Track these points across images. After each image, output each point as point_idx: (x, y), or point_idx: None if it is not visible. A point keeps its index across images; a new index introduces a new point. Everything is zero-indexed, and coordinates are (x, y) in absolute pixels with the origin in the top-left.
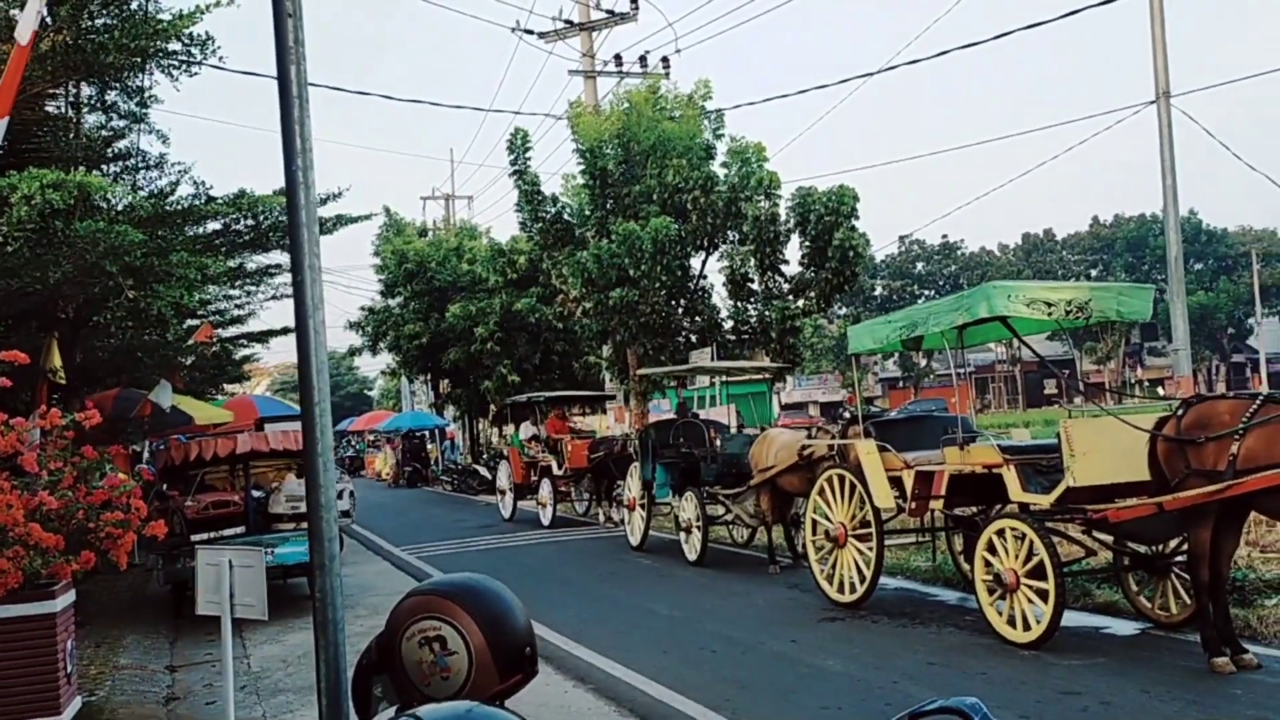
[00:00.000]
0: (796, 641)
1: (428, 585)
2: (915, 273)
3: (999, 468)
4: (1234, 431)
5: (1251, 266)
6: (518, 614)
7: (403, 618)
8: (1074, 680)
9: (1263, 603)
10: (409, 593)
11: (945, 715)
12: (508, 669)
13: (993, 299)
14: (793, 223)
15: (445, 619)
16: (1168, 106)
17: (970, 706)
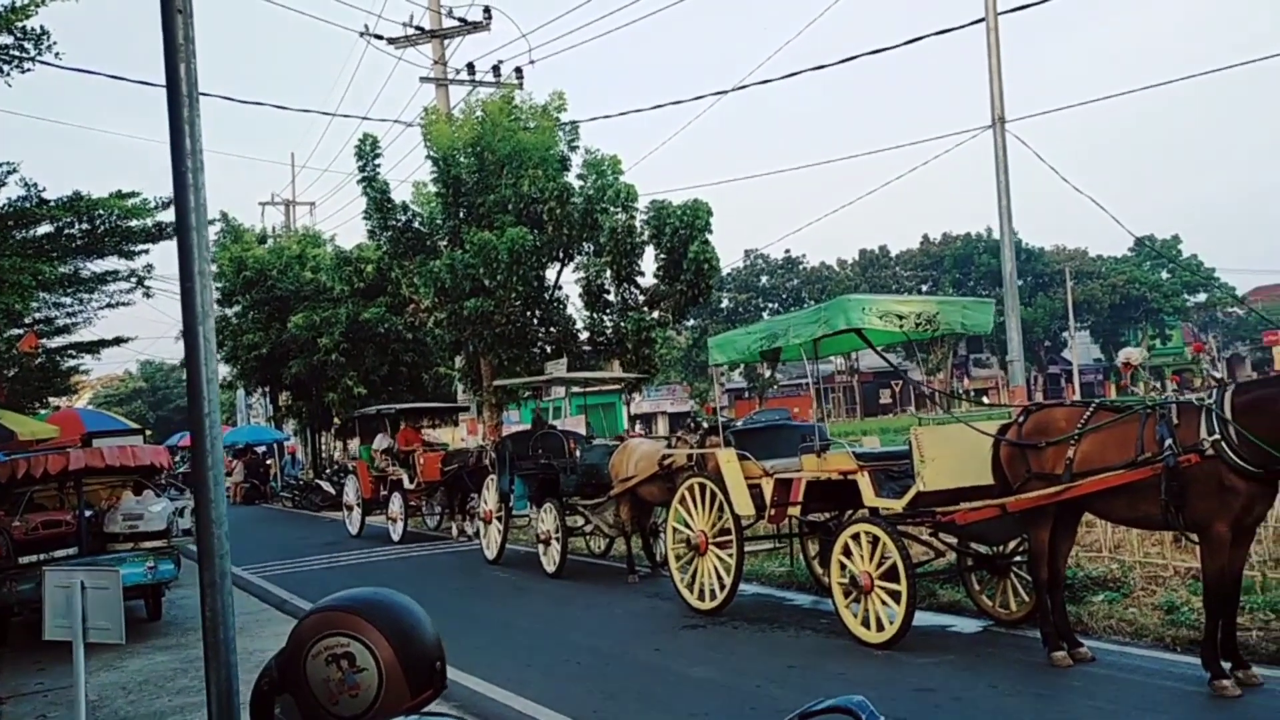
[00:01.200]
0: (660, 650)
1: (332, 601)
2: (760, 286)
3: (854, 474)
4: (1070, 437)
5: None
6: (426, 628)
7: (307, 635)
8: (927, 678)
9: (1091, 599)
10: (312, 609)
11: (834, 715)
12: (418, 684)
13: (849, 312)
14: (648, 235)
15: (353, 635)
16: (1003, 131)
17: (858, 705)
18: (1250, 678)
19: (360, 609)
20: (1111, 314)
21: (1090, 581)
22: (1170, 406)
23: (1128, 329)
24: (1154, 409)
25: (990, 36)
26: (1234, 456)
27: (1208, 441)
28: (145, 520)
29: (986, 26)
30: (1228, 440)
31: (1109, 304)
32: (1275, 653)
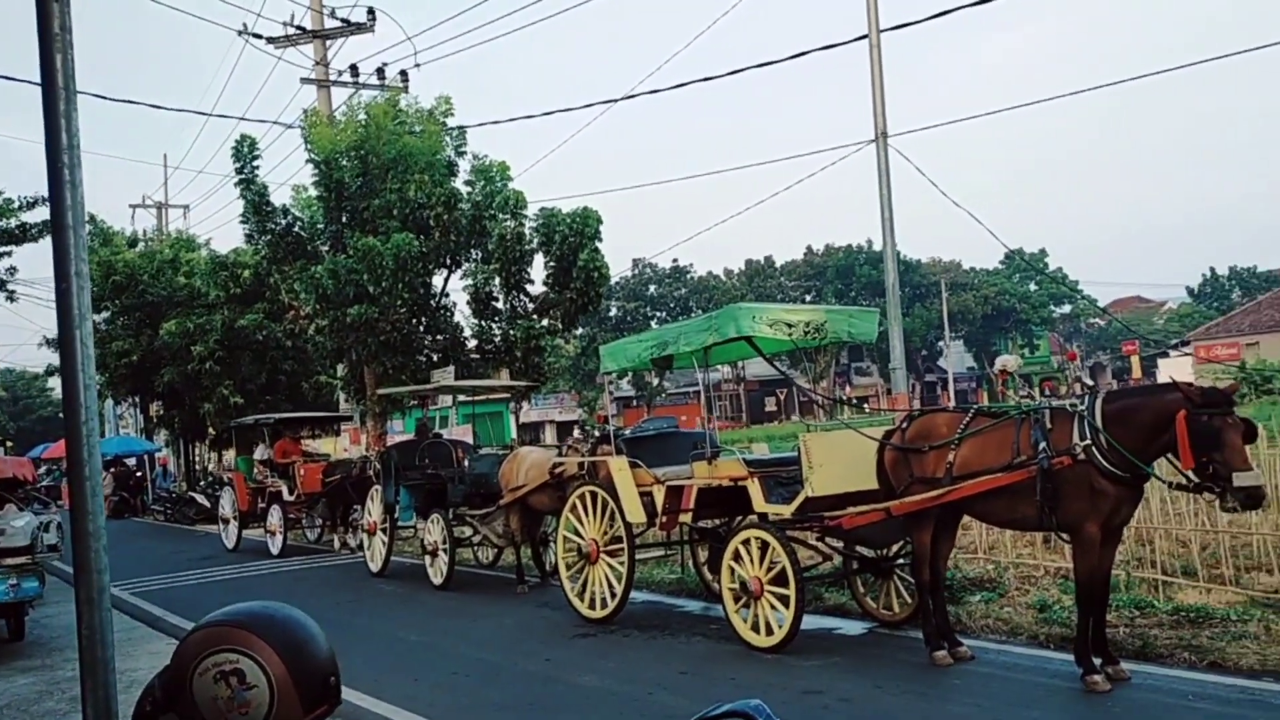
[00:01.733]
0: (550, 660)
1: (220, 615)
2: (648, 295)
3: (744, 480)
4: (951, 441)
5: (941, 295)
6: (320, 642)
7: (193, 652)
8: (815, 680)
9: (969, 599)
10: (199, 624)
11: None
12: (312, 700)
13: (739, 320)
14: (537, 243)
15: (243, 651)
16: (885, 146)
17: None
18: (1119, 673)
19: (250, 623)
20: (984, 324)
21: (968, 582)
22: (1044, 412)
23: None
24: (1029, 414)
25: (873, 53)
26: (1103, 461)
27: (1079, 446)
28: (7, 536)
29: (870, 43)
30: (1098, 446)
31: (981, 314)
32: (1141, 648)
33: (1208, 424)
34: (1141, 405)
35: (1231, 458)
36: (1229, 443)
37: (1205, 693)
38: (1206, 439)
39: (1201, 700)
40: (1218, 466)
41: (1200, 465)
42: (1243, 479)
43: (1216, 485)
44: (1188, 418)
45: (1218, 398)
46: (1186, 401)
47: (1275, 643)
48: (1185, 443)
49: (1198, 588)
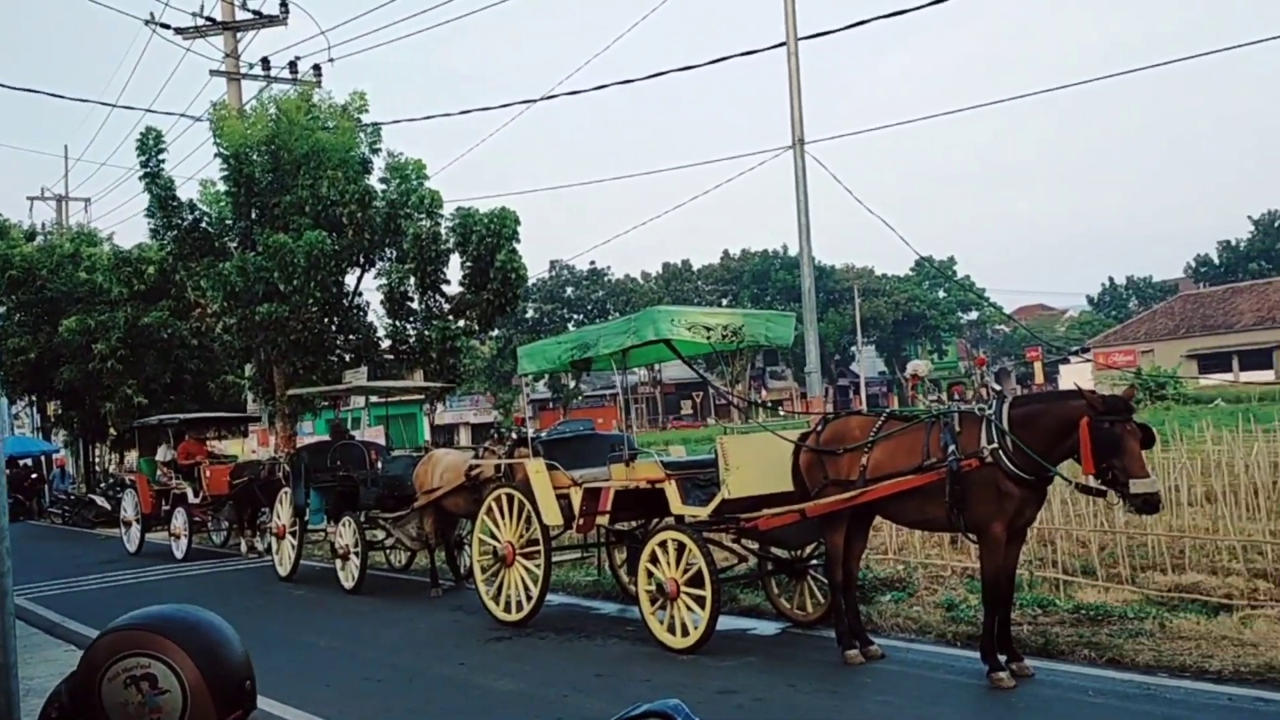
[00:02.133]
0: (465, 664)
1: (130, 619)
2: (565, 297)
3: (662, 483)
4: (864, 444)
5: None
6: (235, 645)
7: (102, 656)
8: (729, 680)
9: (879, 599)
10: (108, 628)
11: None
12: (227, 705)
13: (658, 323)
14: (454, 243)
15: (154, 655)
16: (802, 152)
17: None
18: (1023, 669)
19: (162, 626)
20: (895, 329)
21: (878, 582)
22: (953, 415)
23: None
24: (939, 418)
25: (791, 61)
26: (1009, 464)
27: (987, 449)
28: None
29: (788, 51)
30: (1004, 449)
31: (892, 320)
32: (1043, 645)
33: (1109, 431)
34: (1046, 411)
35: (1130, 464)
36: (1128, 450)
37: (1104, 688)
38: (1108, 446)
39: (1101, 695)
40: (1117, 472)
41: (1101, 471)
42: (1140, 485)
43: (1116, 490)
44: (1090, 424)
45: (1119, 405)
46: (1089, 409)
47: (1169, 639)
48: (1088, 449)
49: (1097, 587)
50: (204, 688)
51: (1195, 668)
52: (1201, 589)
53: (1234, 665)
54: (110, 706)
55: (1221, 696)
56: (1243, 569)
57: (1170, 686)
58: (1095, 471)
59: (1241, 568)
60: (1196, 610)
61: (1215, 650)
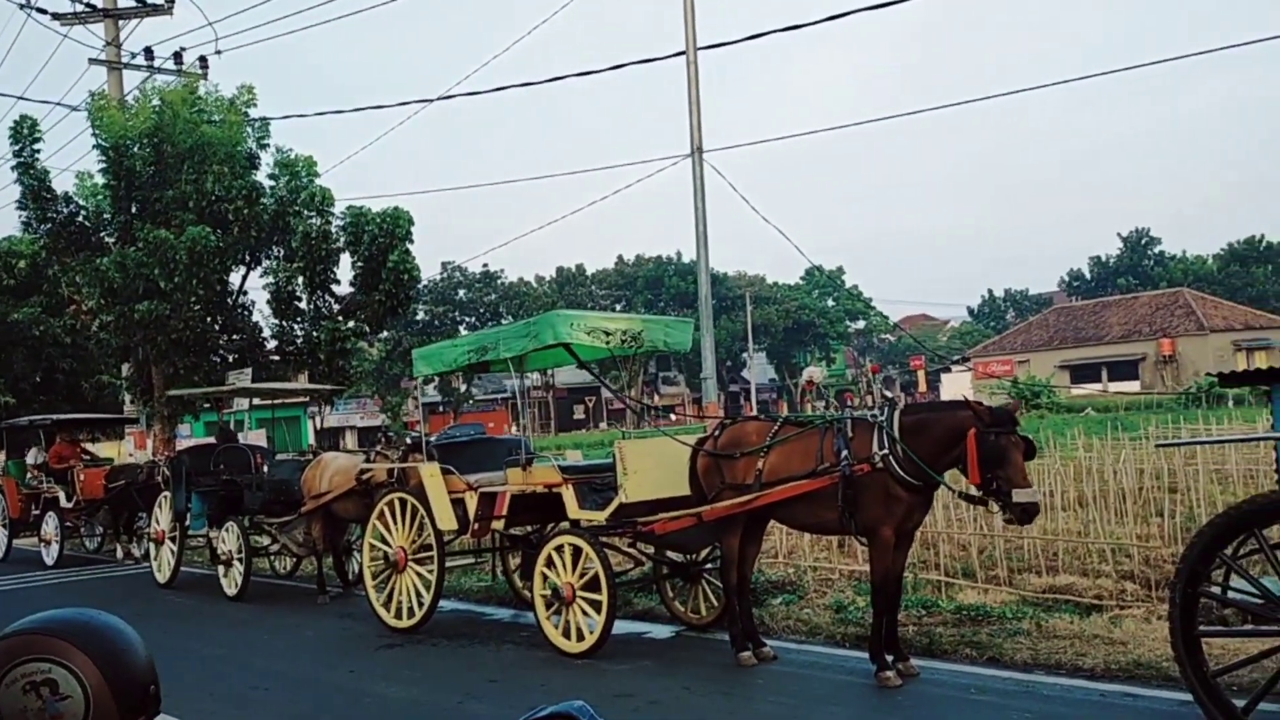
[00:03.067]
0: (355, 671)
1: (30, 623)
2: (457, 299)
3: (559, 487)
4: (760, 449)
5: (746, 307)
6: (138, 649)
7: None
8: (625, 684)
9: (771, 601)
10: (6, 632)
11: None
12: (130, 710)
13: (557, 327)
14: (345, 242)
15: (55, 659)
16: (701, 161)
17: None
18: (909, 669)
19: (62, 630)
20: (785, 337)
21: (770, 585)
22: (846, 422)
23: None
24: (832, 424)
25: (690, 70)
26: (899, 469)
27: (878, 455)
28: None
29: (687, 60)
30: (895, 455)
31: (783, 327)
32: (928, 645)
33: (995, 443)
34: (936, 420)
35: (1014, 475)
36: (1013, 461)
37: (985, 686)
38: (993, 457)
39: (981, 693)
40: (1001, 483)
41: (985, 481)
42: (1022, 495)
43: (999, 499)
44: (977, 436)
45: (1005, 417)
46: (977, 420)
47: (1045, 638)
48: (974, 459)
49: (977, 588)
50: (107, 693)
51: (1070, 665)
52: (1074, 590)
53: (1105, 663)
54: (8, 713)
55: (1095, 693)
56: (1112, 571)
57: (1047, 684)
58: (980, 482)
59: (1111, 569)
60: (1070, 610)
61: (1088, 649)
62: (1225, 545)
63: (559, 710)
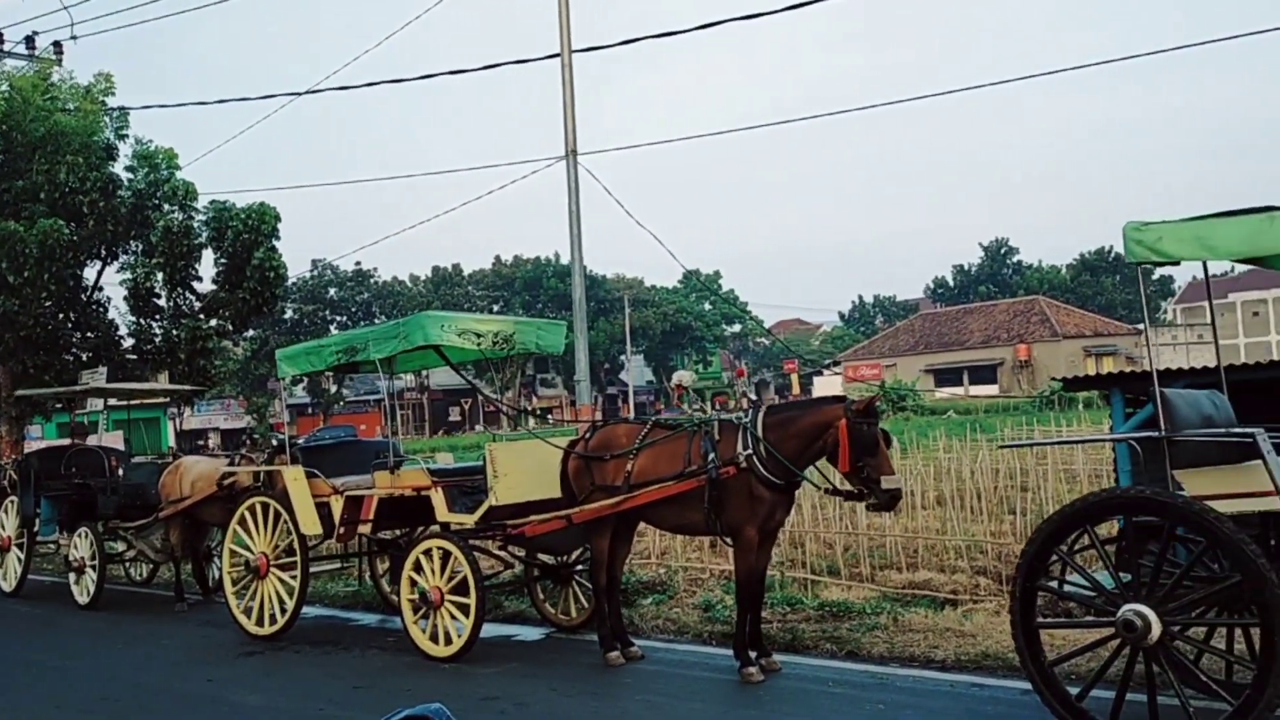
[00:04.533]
0: (213, 680)
1: None
2: (328, 298)
3: (428, 490)
4: (630, 451)
5: (625, 310)
6: None
7: None
8: (492, 687)
9: (641, 602)
10: None
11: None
12: None
13: (427, 328)
14: (208, 237)
15: None
16: (575, 163)
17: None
18: (771, 664)
19: None
20: (663, 340)
21: (641, 586)
22: (714, 424)
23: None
24: (700, 426)
25: (565, 72)
26: (762, 469)
27: (743, 455)
28: None
29: (561, 62)
30: (758, 455)
31: (661, 330)
32: (790, 641)
33: (865, 432)
34: (802, 415)
35: (881, 463)
36: (880, 450)
37: (842, 679)
38: (863, 445)
39: (839, 685)
40: (870, 470)
41: (856, 469)
42: (889, 482)
43: (866, 487)
44: (849, 425)
45: (871, 409)
46: (847, 411)
47: (901, 632)
48: (846, 448)
49: (841, 585)
50: None
51: (923, 657)
52: (932, 585)
53: (956, 654)
54: None
55: (945, 683)
56: (967, 566)
57: (901, 675)
58: (851, 469)
59: (966, 565)
60: (926, 605)
61: (941, 641)
62: (1061, 541)
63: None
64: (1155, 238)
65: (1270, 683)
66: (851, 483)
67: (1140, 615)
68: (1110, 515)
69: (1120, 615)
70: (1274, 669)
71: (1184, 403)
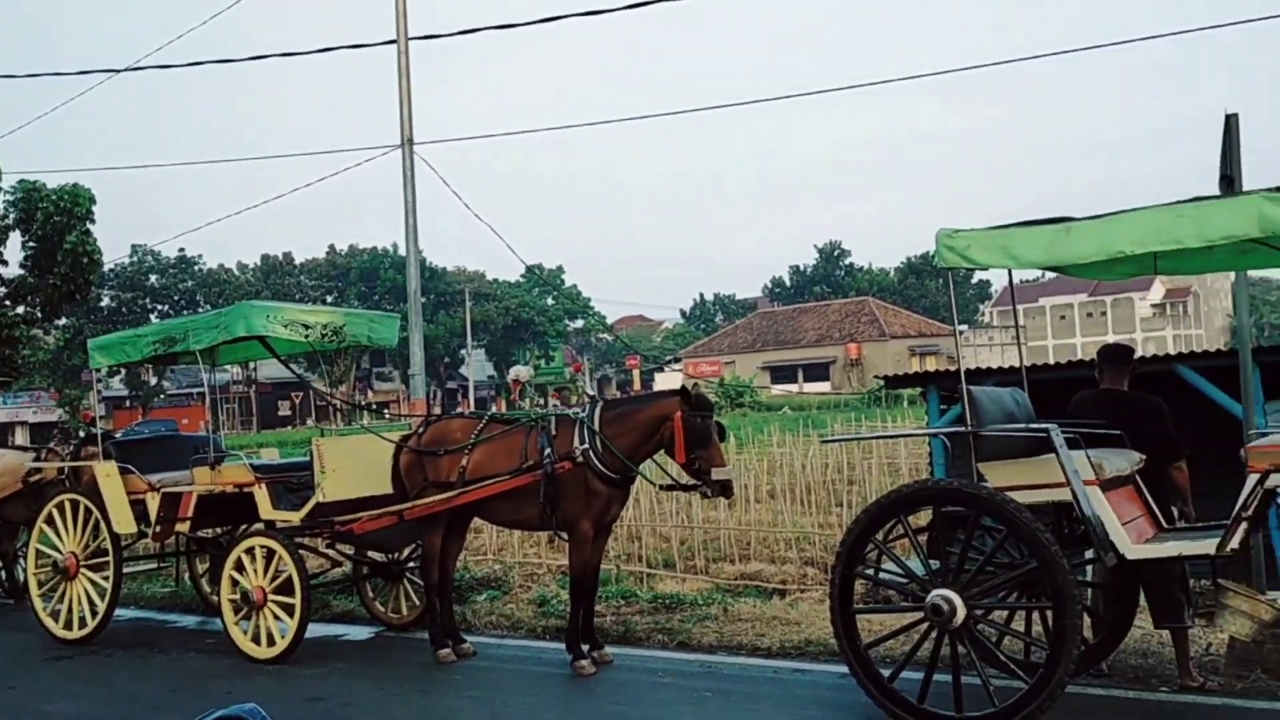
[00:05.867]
0: (16, 687)
1: None
2: (149, 285)
3: (251, 487)
4: (464, 446)
5: (465, 304)
6: None
7: None
8: (317, 687)
9: (475, 598)
10: None
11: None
12: None
13: (251, 319)
14: (14, 219)
15: None
16: (411, 153)
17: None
18: (604, 656)
19: None
20: (504, 334)
21: (475, 582)
22: (551, 419)
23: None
24: (538, 421)
25: (401, 59)
26: (599, 463)
27: (579, 450)
28: None
29: (398, 49)
30: (595, 449)
31: (502, 325)
32: (623, 634)
33: (700, 424)
34: (637, 410)
35: (713, 455)
36: (713, 442)
37: (673, 669)
38: (697, 437)
39: (669, 676)
40: (703, 461)
41: (690, 460)
42: (720, 473)
43: (700, 479)
44: (684, 418)
45: (705, 403)
46: (683, 405)
47: (731, 622)
48: (681, 440)
49: (675, 577)
50: None
51: (750, 646)
52: (762, 576)
53: (781, 642)
54: None
55: (769, 670)
56: (796, 557)
57: (729, 664)
58: (686, 460)
59: (795, 556)
60: (755, 595)
61: (767, 630)
62: (878, 531)
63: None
64: (965, 245)
65: (1061, 662)
66: (688, 474)
67: (947, 600)
68: (921, 506)
69: (929, 600)
70: (1065, 649)
71: (989, 400)
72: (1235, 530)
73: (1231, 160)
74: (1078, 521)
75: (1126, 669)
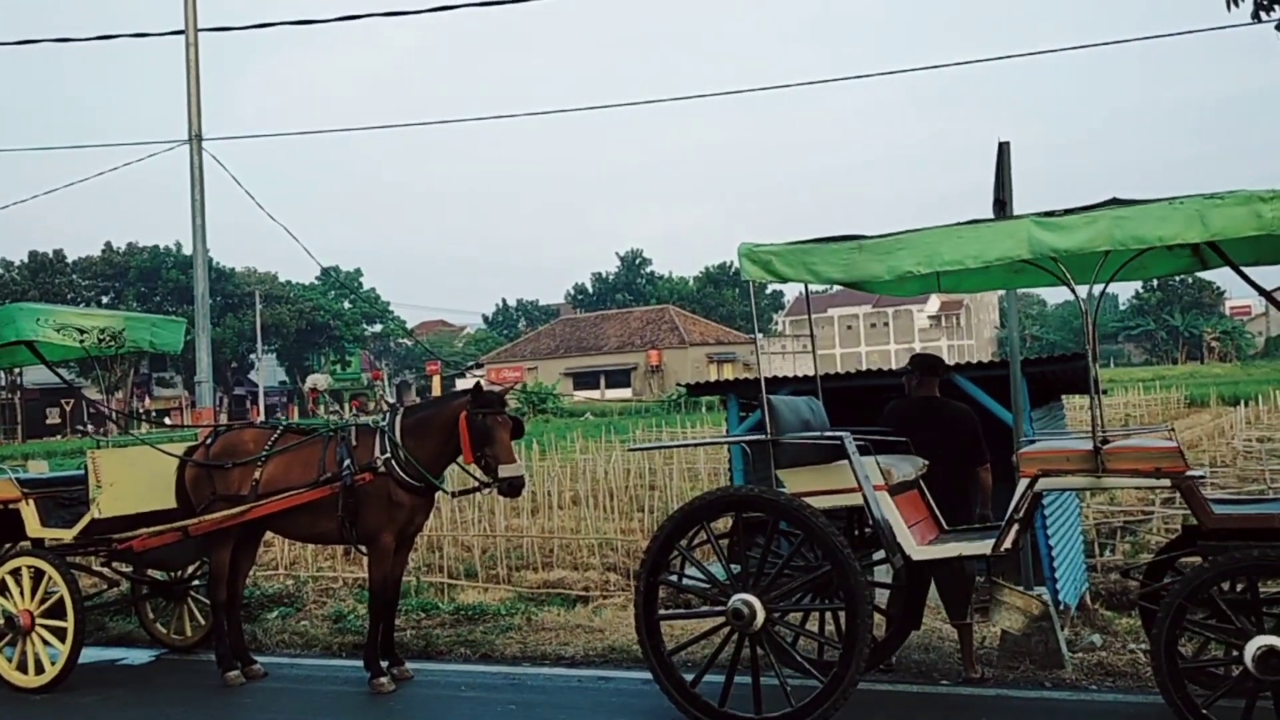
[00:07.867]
0: None
1: None
2: None
3: (16, 502)
4: (258, 458)
5: (255, 306)
6: None
7: None
8: (91, 717)
9: (266, 616)
10: None
11: None
12: None
13: (20, 322)
14: None
15: None
16: (199, 149)
17: None
18: (404, 673)
19: None
20: (298, 338)
21: (266, 599)
22: (351, 429)
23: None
24: (336, 431)
25: (190, 52)
26: (401, 473)
27: (380, 460)
28: None
29: (186, 41)
30: (396, 459)
31: (296, 329)
32: (424, 648)
33: (483, 422)
34: (434, 415)
35: (500, 452)
36: (499, 439)
37: (476, 682)
38: (481, 435)
39: (472, 690)
40: (490, 459)
41: (478, 459)
42: (507, 470)
43: (489, 476)
44: (468, 418)
45: (492, 399)
46: (469, 404)
47: (535, 631)
48: (466, 439)
49: (478, 587)
50: None
51: (554, 655)
52: (565, 584)
53: (585, 650)
54: None
55: (573, 679)
56: (599, 564)
57: (533, 674)
58: (473, 459)
59: (598, 563)
60: (559, 603)
61: (571, 638)
62: (682, 537)
63: None
64: (767, 259)
65: (853, 660)
66: (482, 472)
67: (747, 604)
68: (723, 512)
69: (730, 604)
70: (856, 647)
71: (786, 408)
72: (1009, 531)
73: (1003, 184)
74: (868, 525)
75: (911, 664)
